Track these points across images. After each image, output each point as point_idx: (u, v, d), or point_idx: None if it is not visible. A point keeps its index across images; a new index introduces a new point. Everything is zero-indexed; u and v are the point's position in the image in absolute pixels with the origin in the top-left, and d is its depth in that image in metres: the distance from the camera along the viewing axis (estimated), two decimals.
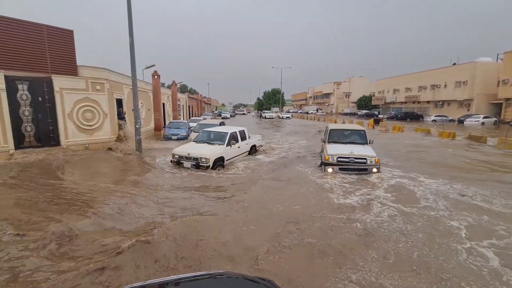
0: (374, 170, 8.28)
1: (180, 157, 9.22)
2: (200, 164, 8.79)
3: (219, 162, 9.21)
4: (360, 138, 9.69)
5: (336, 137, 9.83)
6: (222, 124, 15.52)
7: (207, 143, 9.94)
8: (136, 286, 1.58)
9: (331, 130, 10.07)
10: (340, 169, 8.37)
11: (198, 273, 1.89)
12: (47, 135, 11.02)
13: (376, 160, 8.30)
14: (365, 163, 8.23)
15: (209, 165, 8.74)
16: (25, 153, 10.18)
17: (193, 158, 8.96)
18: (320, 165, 9.25)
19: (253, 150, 12.02)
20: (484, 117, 30.43)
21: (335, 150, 8.74)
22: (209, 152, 8.98)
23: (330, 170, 8.41)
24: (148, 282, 1.72)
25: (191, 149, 9.41)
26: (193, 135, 13.61)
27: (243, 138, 11.19)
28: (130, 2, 11.16)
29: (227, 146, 9.71)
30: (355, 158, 8.28)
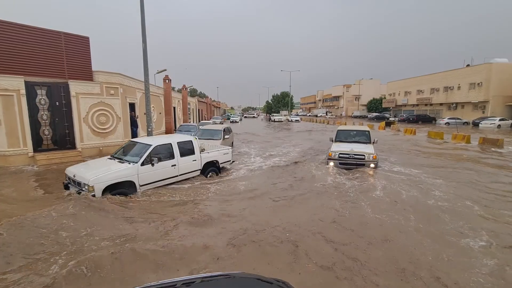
0: (372, 165, 9.35)
1: (69, 179, 6.62)
2: (83, 191, 6.09)
3: (121, 190, 6.41)
4: (365, 137, 10.82)
5: (343, 136, 11.12)
6: (227, 130, 13.98)
7: (118, 159, 7.10)
8: (149, 286, 1.63)
9: (338, 130, 11.48)
10: (340, 163, 9.60)
11: (213, 274, 1.93)
12: (64, 139, 11.38)
13: (374, 156, 9.32)
14: (363, 159, 9.34)
15: (94, 195, 5.97)
16: (43, 156, 10.55)
17: (77, 182, 6.29)
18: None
19: (210, 168, 8.79)
20: (500, 120, 29.45)
21: (338, 147, 10.03)
22: (96, 175, 6.12)
23: (331, 163, 9.76)
24: (160, 282, 1.75)
25: (82, 168, 6.74)
26: None
27: (187, 152, 7.98)
28: (143, 10, 11.47)
29: (143, 164, 6.78)
30: (354, 154, 9.46)
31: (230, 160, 9.93)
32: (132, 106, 14.72)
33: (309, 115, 75.92)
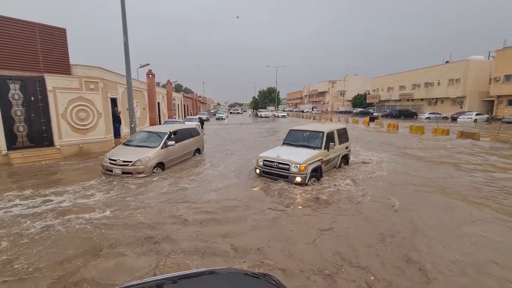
0: (298, 179, 7.14)
1: None
2: None
3: None
4: (315, 141, 8.25)
5: (292, 138, 8.91)
6: (182, 133, 10.15)
7: None
8: (134, 285, 1.56)
9: (290, 130, 9.33)
10: (264, 172, 7.79)
11: (199, 270, 1.87)
12: (40, 135, 10.84)
13: (302, 168, 7.10)
14: (288, 169, 7.29)
15: None
16: (18, 154, 10.01)
17: None
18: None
19: None
20: (476, 114, 30.81)
21: (267, 153, 8.17)
22: None
23: (257, 171, 8.01)
24: (146, 280, 1.70)
25: None
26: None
27: None
28: (124, 2, 11.06)
29: None
30: (278, 162, 7.48)
31: None
32: (114, 102, 14.23)
33: (296, 111, 76.52)
